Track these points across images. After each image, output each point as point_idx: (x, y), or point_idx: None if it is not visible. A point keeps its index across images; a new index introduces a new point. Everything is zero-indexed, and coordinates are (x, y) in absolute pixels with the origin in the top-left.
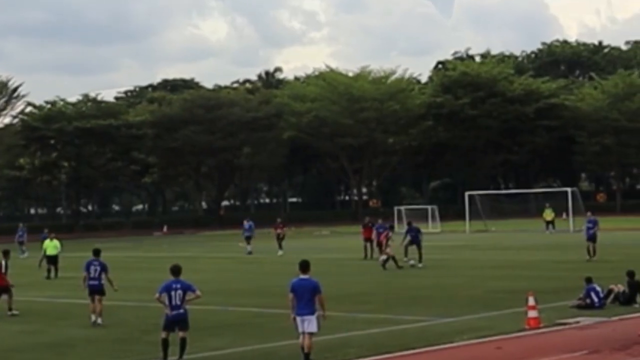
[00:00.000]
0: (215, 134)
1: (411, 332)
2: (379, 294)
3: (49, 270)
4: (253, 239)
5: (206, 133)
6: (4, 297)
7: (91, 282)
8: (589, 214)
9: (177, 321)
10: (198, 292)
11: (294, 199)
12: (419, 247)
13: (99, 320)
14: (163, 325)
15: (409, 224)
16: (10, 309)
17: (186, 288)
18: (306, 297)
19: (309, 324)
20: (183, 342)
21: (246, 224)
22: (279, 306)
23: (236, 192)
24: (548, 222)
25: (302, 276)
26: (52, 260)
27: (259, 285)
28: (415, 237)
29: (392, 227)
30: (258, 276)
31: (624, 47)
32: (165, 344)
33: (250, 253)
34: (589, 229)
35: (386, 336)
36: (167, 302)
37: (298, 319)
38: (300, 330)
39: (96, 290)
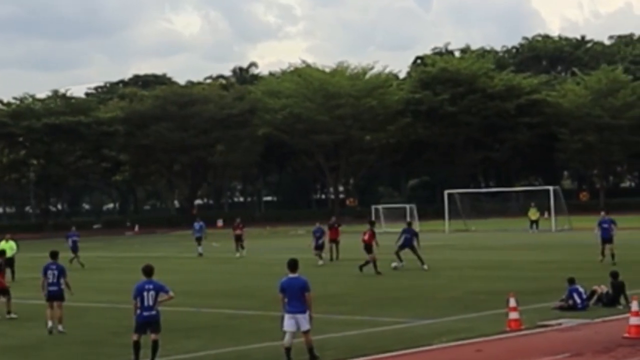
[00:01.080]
0: (188, 131)
1: (389, 334)
2: (355, 295)
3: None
4: (204, 239)
5: (179, 130)
6: (2, 299)
7: (50, 287)
8: (602, 213)
9: (149, 323)
10: (171, 293)
11: (268, 198)
12: (414, 250)
13: (60, 328)
14: (134, 327)
15: (408, 224)
16: (8, 312)
17: (159, 289)
18: (296, 295)
19: (301, 322)
20: (155, 344)
21: (196, 224)
22: (253, 308)
23: (209, 191)
24: (532, 222)
25: (291, 275)
26: (9, 262)
27: (233, 287)
28: (408, 240)
29: (372, 223)
30: (232, 277)
31: (607, 42)
32: (136, 346)
33: (200, 255)
34: (604, 229)
35: (363, 338)
36: (139, 303)
37: (287, 316)
38: (287, 328)
39: (56, 296)
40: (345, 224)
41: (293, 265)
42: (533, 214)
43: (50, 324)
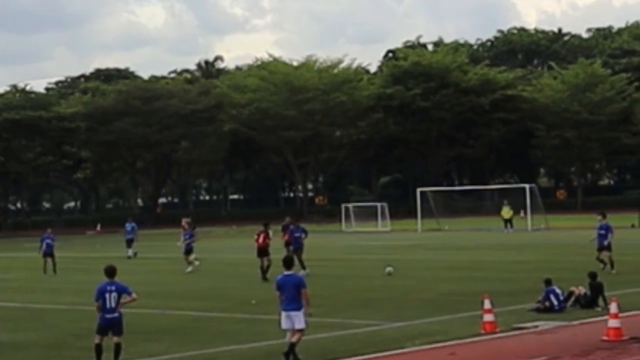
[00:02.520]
0: (151, 126)
1: (360, 337)
2: (326, 296)
3: None
4: (136, 241)
5: (142, 126)
6: None
7: None
8: (599, 217)
9: (111, 325)
10: (134, 295)
11: (235, 196)
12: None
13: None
14: (96, 330)
15: (294, 224)
16: None
17: (121, 290)
18: (292, 292)
19: (297, 320)
20: (117, 347)
21: (128, 225)
22: (219, 309)
23: (174, 189)
24: (506, 220)
25: (286, 272)
26: None
27: (198, 288)
28: (298, 240)
29: (267, 225)
30: (197, 278)
31: (585, 35)
32: (98, 349)
33: (129, 257)
34: (600, 236)
35: (334, 341)
36: (101, 305)
37: (284, 314)
38: (284, 326)
39: None
40: (314, 223)
41: (289, 262)
42: (506, 212)
43: None
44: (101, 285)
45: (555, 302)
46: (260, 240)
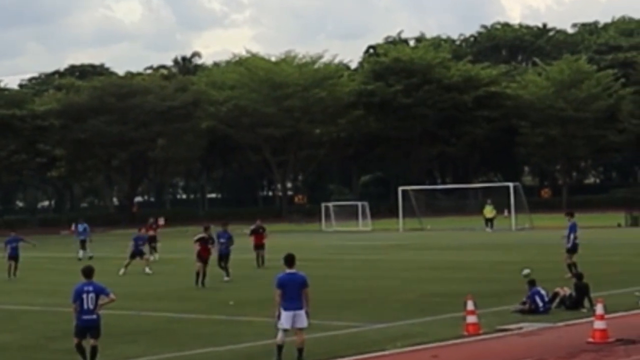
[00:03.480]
0: (127, 124)
1: (340, 339)
2: None
3: None
4: (89, 242)
5: (118, 123)
6: None
7: None
8: (568, 217)
9: (88, 327)
10: (112, 296)
11: (213, 195)
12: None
13: None
14: (74, 332)
15: (223, 228)
16: None
17: (99, 291)
18: (295, 291)
19: (300, 318)
20: (94, 350)
21: (80, 226)
22: (196, 311)
23: (150, 188)
24: (488, 220)
25: (289, 270)
26: None
27: (174, 288)
28: (224, 246)
29: (207, 228)
30: (173, 278)
31: (570, 30)
32: (79, 348)
33: (80, 259)
34: (575, 238)
35: (313, 343)
36: (78, 307)
37: (286, 313)
38: (285, 325)
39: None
40: (294, 223)
41: (291, 260)
42: (489, 211)
43: None
44: (78, 286)
45: (539, 303)
46: (200, 249)
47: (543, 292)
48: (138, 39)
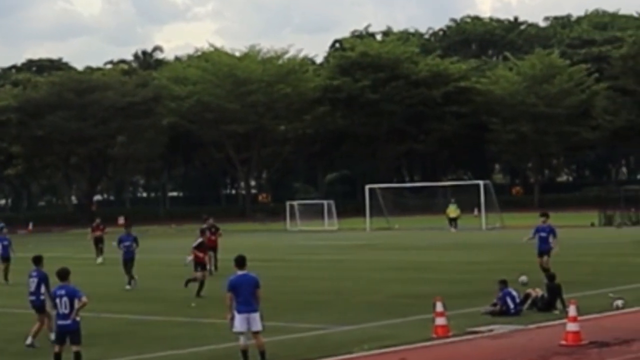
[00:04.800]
0: (86, 120)
1: (305, 342)
2: (268, 299)
3: None
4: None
5: (76, 120)
6: None
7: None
8: (543, 218)
9: (66, 332)
10: (84, 299)
11: (174, 193)
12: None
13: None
14: (54, 338)
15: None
16: None
17: (72, 294)
18: (248, 293)
19: (254, 321)
20: (76, 356)
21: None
22: (157, 312)
23: (110, 186)
24: (451, 220)
25: (240, 272)
26: None
27: (134, 290)
28: (128, 250)
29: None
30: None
31: (542, 24)
32: (57, 358)
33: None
34: (542, 239)
35: (277, 346)
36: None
37: (240, 316)
38: (240, 329)
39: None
40: (258, 222)
41: (241, 261)
42: (452, 211)
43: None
44: (53, 290)
45: (511, 305)
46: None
47: (515, 293)
48: (98, 33)
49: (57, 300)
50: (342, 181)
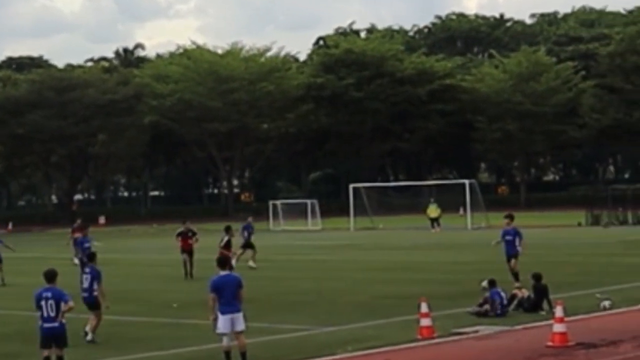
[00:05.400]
0: (66, 118)
1: (288, 343)
2: (250, 299)
3: None
4: None
5: (57, 118)
6: None
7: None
8: (507, 221)
9: (52, 336)
10: (70, 303)
11: (156, 193)
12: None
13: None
14: (39, 343)
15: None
16: None
17: (58, 297)
18: (231, 293)
19: (238, 322)
20: None
21: None
22: (138, 313)
23: (91, 185)
24: (432, 220)
25: (222, 272)
26: None
27: (116, 290)
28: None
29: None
30: (114, 279)
31: (528, 21)
32: None
33: None
34: (508, 242)
35: (260, 347)
36: (40, 314)
37: (223, 317)
38: (223, 330)
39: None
40: (240, 222)
41: (224, 262)
42: (433, 210)
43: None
44: (37, 292)
45: (498, 306)
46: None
47: (503, 294)
48: (78, 30)
49: (43, 303)
50: (326, 180)
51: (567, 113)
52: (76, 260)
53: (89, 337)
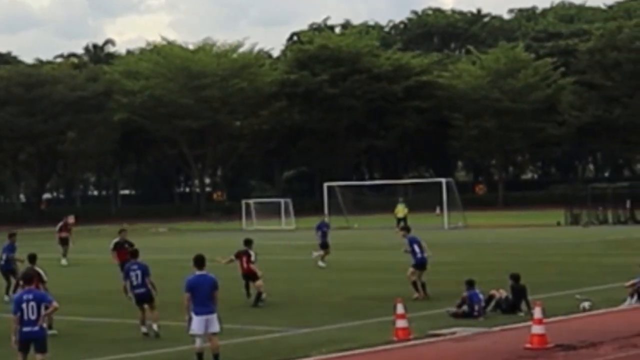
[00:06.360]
0: (35, 116)
1: (262, 345)
2: (223, 300)
3: None
4: None
5: (25, 115)
6: None
7: (137, 290)
8: (403, 233)
9: (31, 340)
10: (55, 304)
11: (126, 191)
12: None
13: (155, 327)
14: (17, 347)
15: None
16: None
17: (40, 299)
18: (206, 294)
19: (212, 323)
20: None
21: None
22: (109, 314)
23: (60, 184)
24: (399, 220)
25: (198, 272)
26: None
27: (86, 291)
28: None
29: (249, 242)
30: (85, 280)
31: (506, 16)
32: None
33: None
34: (414, 252)
35: (233, 349)
36: (19, 318)
37: (198, 318)
38: (197, 331)
39: (145, 299)
40: (212, 221)
41: (200, 261)
42: (400, 210)
43: (143, 328)
44: (17, 295)
45: (475, 307)
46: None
47: (481, 295)
48: (47, 25)
49: (24, 305)
50: (300, 179)
51: (546, 110)
52: (65, 261)
53: (155, 327)
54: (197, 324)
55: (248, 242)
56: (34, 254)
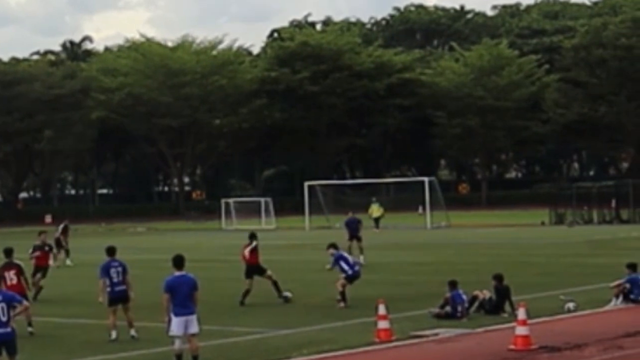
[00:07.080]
0: (11, 114)
1: (241, 346)
2: (202, 301)
3: None
4: None
5: (1, 114)
6: None
7: (117, 288)
8: (333, 250)
9: (3, 343)
10: (25, 303)
11: (104, 190)
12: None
13: (133, 332)
14: None
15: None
16: None
17: (9, 299)
18: (185, 295)
19: (191, 324)
20: None
21: None
22: (86, 316)
23: (36, 183)
24: (376, 219)
25: (178, 273)
26: None
27: (62, 292)
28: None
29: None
30: (61, 281)
31: (490, 13)
32: None
33: None
34: (352, 265)
35: (212, 350)
36: None
37: (177, 319)
38: (176, 332)
39: (123, 298)
40: (191, 220)
41: (180, 261)
42: (375, 210)
43: (114, 333)
44: None
45: (458, 307)
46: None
47: (464, 296)
48: (24, 22)
49: None
50: (280, 178)
51: (530, 108)
52: (69, 262)
53: (133, 333)
54: (176, 325)
55: (252, 236)
56: (11, 247)
